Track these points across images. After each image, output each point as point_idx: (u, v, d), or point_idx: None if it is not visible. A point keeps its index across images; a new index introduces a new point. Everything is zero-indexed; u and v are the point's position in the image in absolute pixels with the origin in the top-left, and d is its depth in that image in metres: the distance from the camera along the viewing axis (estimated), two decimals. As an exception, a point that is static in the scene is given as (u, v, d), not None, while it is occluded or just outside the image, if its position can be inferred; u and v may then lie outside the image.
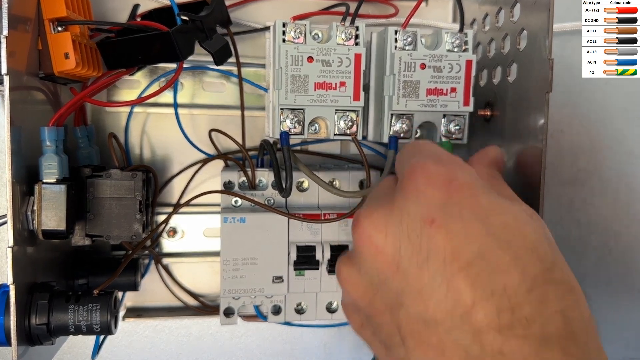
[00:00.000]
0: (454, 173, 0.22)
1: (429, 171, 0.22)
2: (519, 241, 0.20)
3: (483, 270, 0.19)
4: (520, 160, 0.37)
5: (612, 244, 0.54)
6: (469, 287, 0.19)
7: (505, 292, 0.18)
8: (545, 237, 0.21)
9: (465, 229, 0.20)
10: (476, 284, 0.19)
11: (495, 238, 0.20)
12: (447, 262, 0.20)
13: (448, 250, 0.20)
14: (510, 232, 0.20)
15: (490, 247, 0.20)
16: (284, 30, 0.35)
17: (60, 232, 0.33)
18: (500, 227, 0.20)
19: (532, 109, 0.36)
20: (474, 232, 0.20)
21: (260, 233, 0.40)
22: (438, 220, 0.20)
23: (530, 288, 0.19)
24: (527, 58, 0.36)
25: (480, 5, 0.43)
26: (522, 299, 0.18)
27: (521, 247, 0.20)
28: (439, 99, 0.37)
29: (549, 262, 0.20)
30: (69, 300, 0.34)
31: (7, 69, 0.29)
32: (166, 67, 0.45)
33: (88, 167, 0.38)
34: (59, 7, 0.33)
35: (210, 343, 0.50)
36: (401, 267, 0.21)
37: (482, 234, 0.20)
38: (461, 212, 0.21)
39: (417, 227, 0.21)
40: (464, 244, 0.20)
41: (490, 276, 0.19)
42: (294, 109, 0.36)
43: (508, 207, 0.22)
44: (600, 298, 0.54)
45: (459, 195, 0.21)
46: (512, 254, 0.19)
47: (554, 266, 0.20)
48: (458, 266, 0.19)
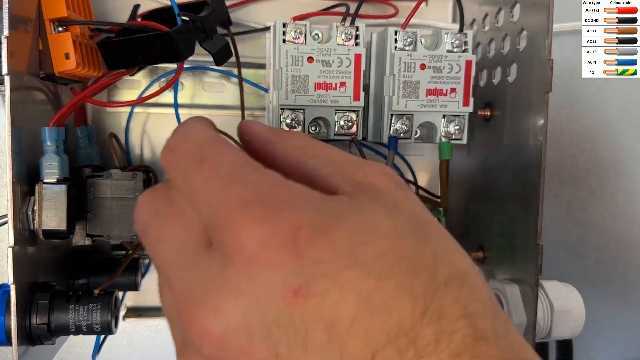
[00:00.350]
0: (292, 214, 0.17)
1: (259, 222, 0.16)
2: (396, 266, 0.17)
3: (370, 319, 0.16)
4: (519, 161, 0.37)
5: (611, 243, 0.54)
6: (362, 345, 0.16)
7: (401, 329, 0.16)
8: (414, 231, 0.18)
9: (335, 284, 0.16)
10: (368, 338, 0.16)
11: (373, 277, 0.16)
12: (330, 331, 0.16)
13: (328, 319, 0.16)
14: (385, 260, 0.17)
15: (370, 289, 0.16)
16: (284, 30, 0.35)
17: (60, 232, 0.33)
18: (372, 260, 0.17)
19: (532, 109, 0.36)
20: (347, 285, 0.16)
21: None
22: (301, 289, 0.16)
23: (424, 309, 0.16)
24: (527, 58, 0.37)
25: (480, 5, 0.43)
26: (420, 325, 0.16)
27: (401, 271, 0.17)
28: (438, 99, 0.37)
29: (430, 264, 0.17)
30: (69, 300, 0.34)
31: (8, 69, 0.29)
32: (166, 67, 0.45)
33: (88, 167, 0.38)
34: (59, 8, 0.33)
35: (210, 343, 0.50)
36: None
37: (355, 281, 0.16)
38: (323, 267, 0.17)
39: (280, 307, 0.16)
40: (341, 303, 0.16)
41: (380, 323, 0.16)
42: (294, 109, 0.36)
43: (374, 230, 0.17)
44: (599, 298, 0.54)
45: (309, 245, 0.16)
46: (394, 284, 0.16)
47: (436, 264, 0.17)
48: (344, 328, 0.16)
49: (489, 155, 0.42)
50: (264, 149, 0.22)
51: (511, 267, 0.39)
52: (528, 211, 0.36)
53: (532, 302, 0.35)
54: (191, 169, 0.19)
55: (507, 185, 0.39)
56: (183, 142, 0.20)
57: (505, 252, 0.40)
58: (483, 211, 0.43)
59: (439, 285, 0.17)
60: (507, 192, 0.39)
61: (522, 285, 0.37)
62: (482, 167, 0.44)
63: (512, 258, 0.38)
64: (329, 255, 0.16)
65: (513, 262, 0.38)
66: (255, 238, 0.16)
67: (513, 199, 0.38)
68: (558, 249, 0.53)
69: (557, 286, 0.39)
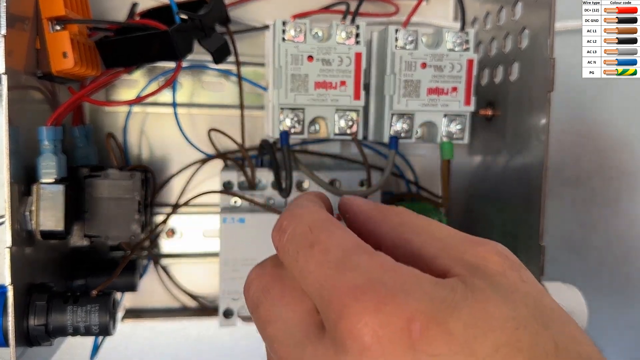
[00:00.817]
0: (405, 302, 0.16)
1: (372, 311, 0.16)
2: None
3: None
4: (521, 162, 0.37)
5: (614, 244, 0.54)
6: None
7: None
8: (533, 319, 0.17)
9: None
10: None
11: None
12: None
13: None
14: (503, 354, 0.16)
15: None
16: (284, 29, 0.35)
17: (58, 232, 0.33)
18: (490, 353, 0.16)
19: (534, 108, 0.35)
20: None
21: (260, 233, 0.40)
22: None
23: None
24: (529, 57, 0.36)
25: (482, 3, 0.43)
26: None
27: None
28: (439, 98, 0.36)
29: (552, 355, 0.16)
30: (67, 301, 0.34)
31: (5, 68, 0.29)
32: (165, 66, 0.44)
33: (86, 167, 0.38)
34: (57, 6, 0.32)
35: (209, 344, 0.50)
36: None
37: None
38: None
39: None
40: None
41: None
42: (293, 109, 0.36)
43: (491, 320, 0.17)
44: (601, 298, 0.54)
45: (424, 337, 0.16)
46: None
47: (558, 355, 0.17)
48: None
49: (490, 155, 0.42)
50: (367, 227, 0.22)
51: (513, 268, 0.38)
52: (530, 211, 0.36)
53: (534, 303, 0.35)
54: (302, 252, 0.19)
55: (509, 186, 0.39)
56: (294, 222, 0.20)
57: (506, 253, 0.39)
58: (485, 211, 0.43)
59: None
60: (509, 193, 0.39)
61: (524, 286, 0.37)
62: (483, 167, 0.43)
63: (514, 258, 0.38)
64: (444, 349, 0.16)
65: (515, 263, 0.38)
66: (369, 328, 0.16)
67: (515, 199, 0.38)
68: (560, 249, 0.53)
69: (559, 287, 0.38)
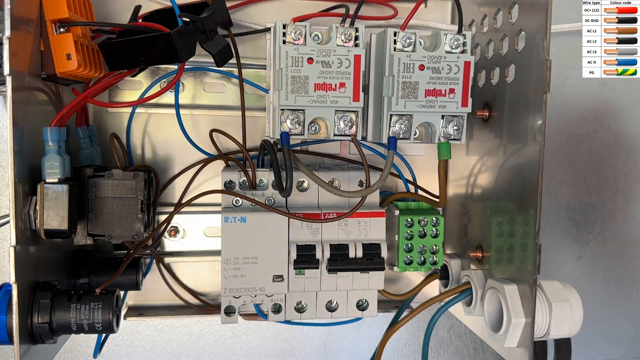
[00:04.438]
0: None
1: None
2: None
3: None
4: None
5: (609, 243, 0.54)
6: None
7: None
8: None
9: None
10: None
11: None
12: None
13: None
14: None
15: None
16: (284, 31, 0.35)
17: (62, 231, 0.34)
18: None
19: (530, 109, 0.36)
20: None
21: (261, 232, 0.41)
22: None
23: None
24: (525, 59, 0.37)
25: (479, 6, 0.44)
26: None
27: None
28: (437, 99, 0.37)
29: None
30: (71, 299, 0.34)
31: (10, 69, 0.29)
32: (167, 68, 0.45)
33: (90, 167, 0.38)
34: (60, 9, 0.33)
35: (211, 341, 0.50)
36: None
37: None
38: None
39: None
40: None
41: None
42: (294, 110, 0.36)
43: None
44: (598, 297, 0.54)
45: None
46: None
47: None
48: None
49: (487, 156, 0.43)
50: None
51: (510, 267, 0.39)
52: (526, 211, 0.36)
53: (531, 302, 0.35)
54: None
55: (506, 185, 0.40)
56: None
57: (503, 252, 0.40)
58: (482, 211, 0.43)
59: None
60: (506, 192, 0.40)
61: (520, 285, 0.37)
62: (480, 167, 0.44)
63: (511, 258, 0.39)
64: None
65: (512, 262, 0.38)
66: None
67: (511, 199, 0.39)
68: (556, 248, 0.53)
69: (555, 285, 0.39)
